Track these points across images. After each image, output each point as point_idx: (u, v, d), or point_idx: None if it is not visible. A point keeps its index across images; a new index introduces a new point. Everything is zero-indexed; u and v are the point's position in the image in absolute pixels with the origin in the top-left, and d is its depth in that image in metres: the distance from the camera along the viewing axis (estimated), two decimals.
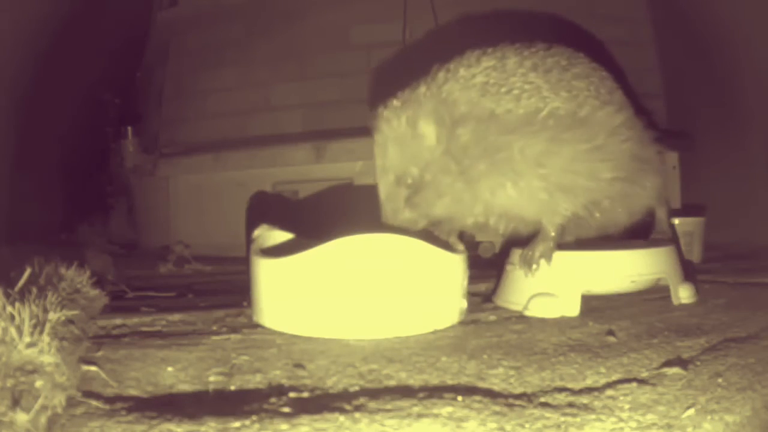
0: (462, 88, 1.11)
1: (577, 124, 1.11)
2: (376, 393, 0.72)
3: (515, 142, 1.09)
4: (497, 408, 0.66)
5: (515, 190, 1.11)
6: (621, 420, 0.64)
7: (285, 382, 0.77)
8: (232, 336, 1.01)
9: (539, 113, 1.10)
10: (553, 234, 1.16)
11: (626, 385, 0.74)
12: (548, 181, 1.11)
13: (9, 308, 0.66)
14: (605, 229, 1.28)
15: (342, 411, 0.66)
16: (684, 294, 1.21)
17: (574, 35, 1.22)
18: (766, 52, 1.93)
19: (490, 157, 1.10)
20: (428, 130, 1.10)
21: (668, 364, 0.82)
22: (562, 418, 0.64)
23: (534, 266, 1.16)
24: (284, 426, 0.62)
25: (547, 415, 0.65)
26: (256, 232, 1.19)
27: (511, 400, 0.70)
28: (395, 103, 1.14)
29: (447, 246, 1.11)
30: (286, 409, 0.67)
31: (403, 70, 1.21)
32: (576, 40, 1.23)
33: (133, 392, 0.73)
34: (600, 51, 1.23)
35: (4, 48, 2.36)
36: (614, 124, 1.15)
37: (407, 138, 1.11)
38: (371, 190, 1.16)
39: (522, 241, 1.21)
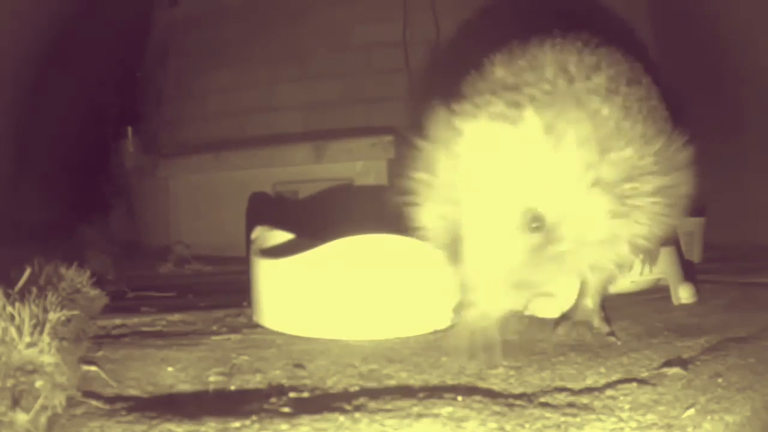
0: (604, 96, 0.77)
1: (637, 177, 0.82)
2: (376, 393, 0.72)
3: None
4: (497, 408, 0.66)
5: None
6: (621, 420, 0.64)
7: (285, 382, 0.77)
8: (232, 336, 1.01)
9: (643, 158, 0.81)
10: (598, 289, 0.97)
11: (626, 385, 0.74)
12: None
13: (9, 308, 0.66)
14: None
15: (342, 411, 0.66)
16: (684, 294, 1.21)
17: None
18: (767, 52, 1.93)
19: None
20: (578, 148, 0.72)
21: (668, 364, 0.82)
22: (562, 418, 0.64)
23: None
24: (284, 426, 0.62)
25: (547, 415, 0.65)
26: (256, 233, 1.18)
27: (511, 400, 0.70)
28: (513, 97, 0.73)
29: None
30: (286, 409, 0.67)
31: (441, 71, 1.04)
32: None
33: (133, 392, 0.73)
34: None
35: (4, 48, 2.36)
36: (659, 188, 0.85)
37: (542, 153, 0.71)
38: (371, 190, 1.14)
39: None
